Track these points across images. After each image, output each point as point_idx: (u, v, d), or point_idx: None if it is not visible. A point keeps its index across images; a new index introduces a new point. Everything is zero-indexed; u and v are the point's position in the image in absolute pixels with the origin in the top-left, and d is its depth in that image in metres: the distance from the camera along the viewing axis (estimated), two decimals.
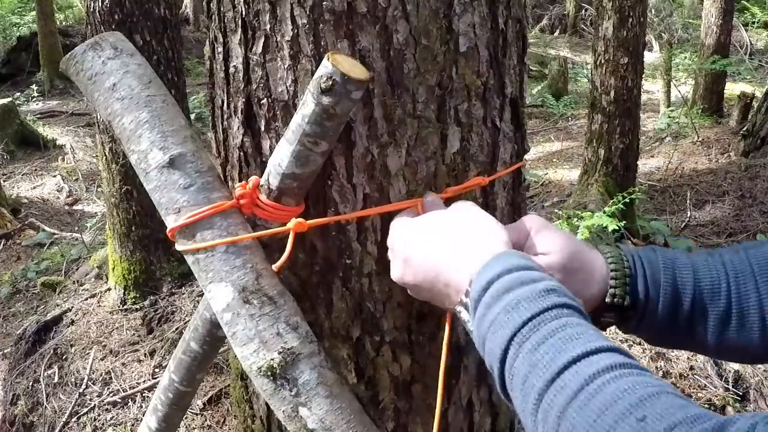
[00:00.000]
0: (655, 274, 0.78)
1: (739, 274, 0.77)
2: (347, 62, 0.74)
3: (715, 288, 0.77)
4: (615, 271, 0.78)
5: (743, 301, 0.76)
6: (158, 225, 3.32)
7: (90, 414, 2.99)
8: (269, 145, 0.87)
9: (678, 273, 0.78)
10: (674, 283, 0.78)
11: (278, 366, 0.79)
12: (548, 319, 0.59)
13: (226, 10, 0.86)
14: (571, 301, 0.62)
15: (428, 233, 0.75)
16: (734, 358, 0.83)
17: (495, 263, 0.66)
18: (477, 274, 0.66)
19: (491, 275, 0.64)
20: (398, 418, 0.94)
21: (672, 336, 0.79)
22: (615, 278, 0.78)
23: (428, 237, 0.74)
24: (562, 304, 0.60)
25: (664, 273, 0.78)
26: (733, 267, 0.77)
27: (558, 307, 0.60)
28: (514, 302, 0.61)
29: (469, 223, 0.74)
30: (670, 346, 0.85)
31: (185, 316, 3.38)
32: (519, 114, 0.95)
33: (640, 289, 0.78)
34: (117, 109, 0.89)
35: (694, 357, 2.72)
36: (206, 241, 0.83)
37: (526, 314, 0.60)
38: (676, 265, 0.79)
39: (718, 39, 7.74)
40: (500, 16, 0.87)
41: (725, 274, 0.77)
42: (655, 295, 0.78)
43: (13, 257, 5.48)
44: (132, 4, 3.34)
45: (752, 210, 5.48)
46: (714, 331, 0.77)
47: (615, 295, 0.78)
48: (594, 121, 5.03)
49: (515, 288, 0.62)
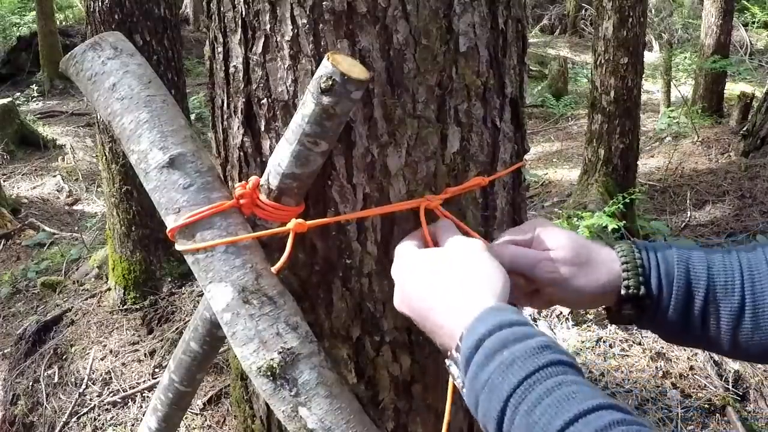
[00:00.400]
0: (669, 267, 0.78)
1: (755, 271, 0.76)
2: (347, 62, 0.74)
3: (729, 284, 0.76)
4: (626, 263, 0.78)
5: (758, 299, 0.75)
6: (158, 225, 3.33)
7: (90, 414, 2.99)
8: (269, 145, 0.87)
9: (692, 267, 0.78)
10: (687, 276, 0.77)
11: (278, 366, 0.79)
12: (543, 378, 0.58)
13: (226, 10, 0.86)
14: (566, 357, 0.61)
15: (426, 272, 0.74)
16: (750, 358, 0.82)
17: (487, 318, 0.64)
18: (467, 329, 0.65)
19: (483, 331, 0.63)
20: (398, 418, 0.94)
21: (686, 331, 0.79)
22: (627, 270, 0.78)
23: (425, 276, 0.73)
24: (557, 361, 0.60)
25: (677, 266, 0.78)
26: (749, 264, 0.77)
27: (553, 365, 0.59)
28: (509, 361, 0.60)
29: (466, 268, 0.73)
30: (684, 342, 0.84)
31: (185, 316, 3.38)
32: (519, 114, 0.95)
33: (653, 281, 0.78)
34: (117, 109, 0.89)
35: (694, 357, 2.72)
36: (206, 241, 0.83)
37: (521, 373, 0.59)
38: (690, 259, 0.79)
39: (718, 39, 7.74)
40: (500, 16, 0.87)
41: (740, 270, 0.77)
42: (668, 288, 0.77)
43: (13, 257, 5.48)
44: (132, 4, 3.34)
45: (752, 210, 5.48)
46: (727, 328, 0.76)
47: (629, 286, 0.78)
48: (594, 121, 5.03)
49: (509, 345, 0.61)
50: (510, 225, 0.98)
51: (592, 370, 2.71)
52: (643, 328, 0.83)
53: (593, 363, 2.74)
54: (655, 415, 2.47)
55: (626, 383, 2.60)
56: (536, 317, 3.00)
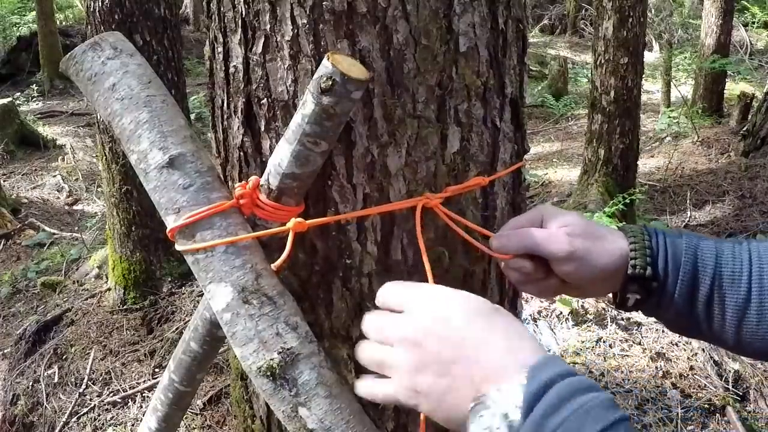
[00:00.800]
0: (677, 252, 0.77)
1: (764, 263, 0.75)
2: (347, 62, 0.74)
3: (736, 274, 0.75)
4: (634, 243, 0.78)
5: (764, 292, 0.74)
6: (158, 225, 3.33)
7: (90, 414, 2.99)
8: (269, 145, 0.87)
9: (700, 254, 0.77)
10: (695, 262, 0.76)
11: (278, 366, 0.79)
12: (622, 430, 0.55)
13: (226, 10, 0.86)
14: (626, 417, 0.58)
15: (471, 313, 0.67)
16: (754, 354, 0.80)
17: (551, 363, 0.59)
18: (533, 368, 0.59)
19: (551, 374, 0.58)
20: (398, 418, 0.94)
21: (690, 321, 0.78)
22: (635, 249, 0.77)
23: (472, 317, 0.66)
24: (627, 417, 0.57)
25: (685, 252, 0.77)
26: (759, 256, 0.76)
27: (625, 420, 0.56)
28: (587, 408, 0.56)
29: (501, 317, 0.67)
30: (689, 333, 0.82)
31: (185, 316, 3.38)
32: (519, 114, 0.95)
33: (660, 263, 0.77)
34: (116, 109, 0.89)
35: (694, 357, 2.72)
36: (206, 241, 0.83)
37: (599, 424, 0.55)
38: (699, 246, 0.78)
39: (718, 39, 7.75)
40: (500, 16, 0.87)
41: (749, 262, 0.75)
42: (675, 272, 0.76)
43: (13, 257, 5.48)
44: (132, 4, 3.34)
45: (752, 210, 5.49)
46: (732, 320, 0.75)
47: (636, 266, 0.77)
48: (594, 121, 5.03)
49: (581, 393, 0.57)
50: None
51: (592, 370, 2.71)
52: (648, 314, 0.82)
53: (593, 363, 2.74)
54: (655, 415, 2.47)
55: (626, 383, 2.60)
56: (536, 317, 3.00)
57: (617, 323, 2.91)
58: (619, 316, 2.95)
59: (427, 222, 0.87)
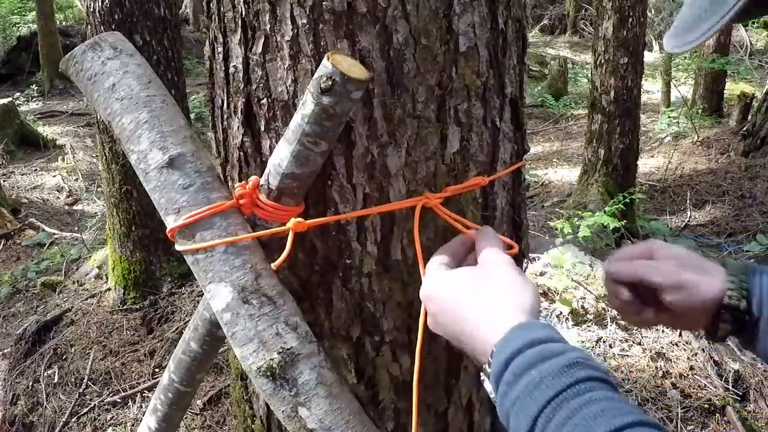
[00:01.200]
0: None
1: None
2: (347, 62, 0.74)
3: None
4: (733, 276, 0.80)
5: None
6: (158, 225, 3.32)
7: (90, 414, 2.99)
8: (269, 145, 0.87)
9: None
10: None
11: (278, 366, 0.79)
12: (571, 396, 0.58)
13: (226, 10, 0.86)
14: (596, 372, 0.61)
15: (456, 292, 0.74)
16: None
17: (516, 336, 0.65)
18: (497, 346, 0.65)
19: (511, 350, 0.63)
20: (398, 418, 0.94)
21: None
22: (732, 282, 0.79)
23: (455, 296, 0.74)
24: (586, 377, 0.59)
25: None
26: None
27: (581, 382, 0.59)
28: (537, 380, 0.60)
29: (495, 285, 0.73)
30: None
31: (185, 316, 3.38)
32: (519, 114, 0.95)
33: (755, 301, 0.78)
34: (116, 109, 0.89)
35: (694, 357, 2.72)
36: (206, 241, 0.83)
37: (548, 393, 0.58)
38: None
39: (718, 39, 7.74)
40: (500, 16, 0.87)
41: None
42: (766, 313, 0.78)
43: (13, 257, 5.48)
44: (132, 4, 3.34)
45: (752, 210, 5.49)
46: None
47: (731, 296, 0.79)
48: (594, 121, 5.03)
49: (537, 364, 0.61)
50: (510, 225, 0.98)
51: None
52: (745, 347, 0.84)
53: None
54: (655, 415, 2.47)
55: (626, 383, 2.60)
56: None
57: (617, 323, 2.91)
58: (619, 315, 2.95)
59: (427, 222, 0.87)
